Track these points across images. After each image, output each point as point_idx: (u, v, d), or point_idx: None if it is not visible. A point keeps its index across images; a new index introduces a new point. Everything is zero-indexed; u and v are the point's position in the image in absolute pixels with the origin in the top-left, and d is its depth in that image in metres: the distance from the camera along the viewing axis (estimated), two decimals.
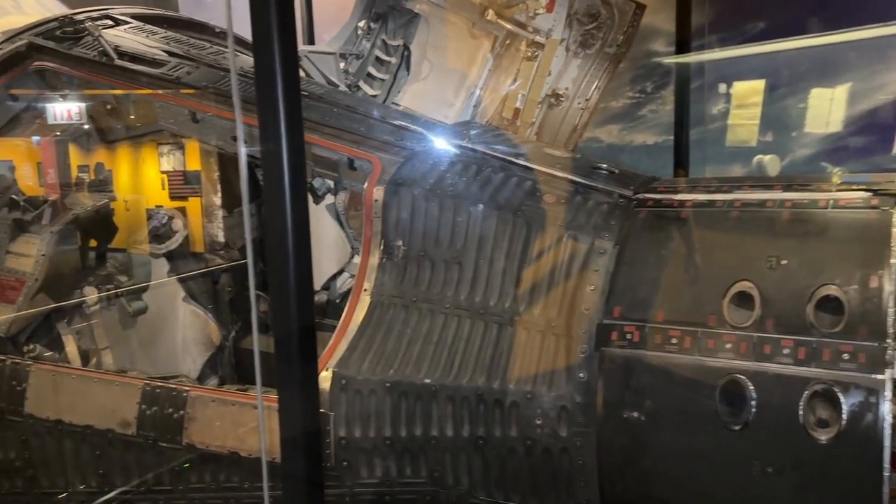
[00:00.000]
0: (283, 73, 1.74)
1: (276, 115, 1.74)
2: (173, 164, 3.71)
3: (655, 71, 7.38)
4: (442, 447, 2.63)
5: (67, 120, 3.67)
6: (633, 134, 7.62)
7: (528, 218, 2.79)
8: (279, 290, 1.83)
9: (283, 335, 1.84)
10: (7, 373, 3.00)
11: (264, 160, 1.76)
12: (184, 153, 3.74)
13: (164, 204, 3.69)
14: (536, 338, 2.63)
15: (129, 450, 2.88)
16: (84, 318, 3.54)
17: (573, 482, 2.54)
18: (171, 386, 2.85)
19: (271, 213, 1.79)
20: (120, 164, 3.71)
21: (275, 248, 1.81)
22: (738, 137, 6.84)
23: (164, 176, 3.73)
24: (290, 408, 1.88)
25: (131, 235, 3.71)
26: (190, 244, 3.79)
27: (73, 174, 3.64)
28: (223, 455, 2.79)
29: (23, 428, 2.97)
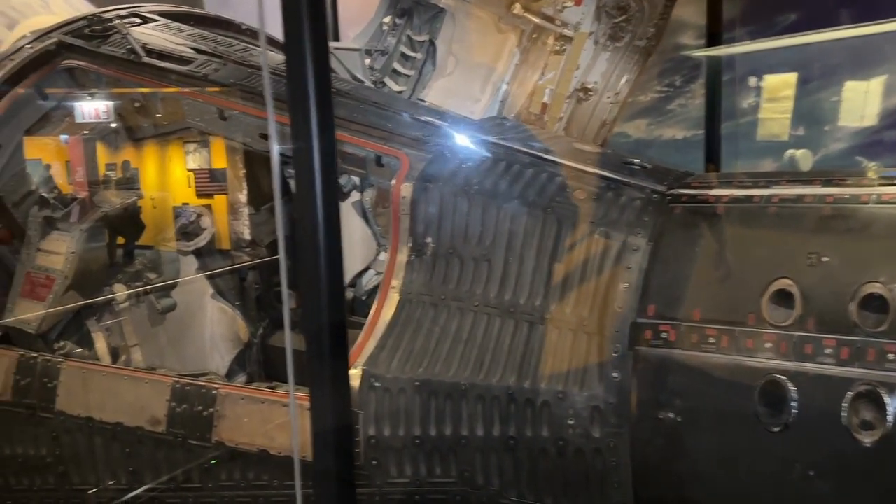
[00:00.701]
0: (314, 70, 1.71)
1: (307, 112, 1.72)
2: (199, 162, 3.71)
3: (684, 64, 7.27)
4: (472, 447, 2.60)
5: (95, 118, 3.69)
6: (661, 129, 7.52)
7: (559, 214, 2.75)
8: (310, 287, 1.81)
9: (314, 333, 1.82)
10: (39, 370, 3.01)
11: (296, 157, 1.74)
12: (210, 151, 3.74)
13: (190, 201, 3.70)
14: (568, 337, 2.58)
15: (159, 447, 2.88)
16: (113, 315, 3.56)
17: (606, 483, 2.49)
18: (201, 383, 2.85)
19: (302, 210, 1.76)
20: (147, 162, 3.72)
21: (306, 245, 1.79)
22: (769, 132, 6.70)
23: (190, 174, 3.73)
24: (321, 406, 1.86)
25: (158, 233, 3.72)
26: (216, 241, 3.79)
27: (100, 172, 3.66)
28: (252, 453, 2.78)
29: (54, 424, 2.98)
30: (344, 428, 1.88)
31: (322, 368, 1.83)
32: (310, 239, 1.77)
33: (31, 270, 3.36)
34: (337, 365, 1.85)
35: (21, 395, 3.02)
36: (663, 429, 2.39)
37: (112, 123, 3.78)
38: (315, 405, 1.86)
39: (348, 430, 1.88)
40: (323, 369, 1.83)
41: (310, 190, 1.74)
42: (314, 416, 1.86)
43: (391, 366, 2.70)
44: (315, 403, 1.86)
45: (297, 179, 1.78)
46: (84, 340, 3.46)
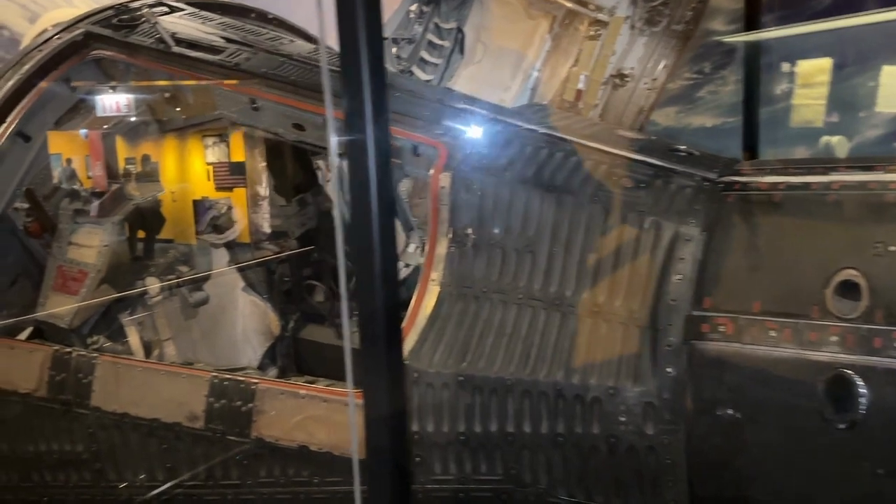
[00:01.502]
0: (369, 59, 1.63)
1: (361, 102, 1.64)
2: (218, 156, 3.65)
3: (714, 50, 7.11)
4: (519, 444, 2.52)
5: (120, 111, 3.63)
6: (690, 116, 7.37)
7: (605, 203, 2.65)
8: (365, 282, 1.73)
9: (369, 328, 1.74)
10: (73, 365, 2.97)
11: (350, 148, 1.66)
12: (229, 144, 3.68)
13: (209, 195, 3.64)
14: (618, 330, 2.49)
15: (197, 444, 2.83)
16: (146, 309, 3.51)
17: (660, 482, 2.41)
18: (239, 378, 2.79)
19: (357, 202, 1.69)
20: (166, 155, 3.66)
21: (360, 240, 1.71)
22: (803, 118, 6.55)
23: (209, 167, 3.67)
24: (376, 401, 1.78)
25: (178, 227, 3.65)
26: (239, 235, 3.74)
27: (120, 166, 3.60)
28: (292, 449, 2.72)
29: (89, 420, 2.94)
30: (400, 423, 1.81)
31: (377, 362, 1.76)
32: (365, 233, 1.70)
33: (63, 264, 3.32)
34: (392, 360, 1.77)
35: (56, 391, 2.98)
36: (721, 426, 2.29)
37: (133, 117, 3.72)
38: (370, 401, 1.79)
39: (403, 426, 1.81)
40: (378, 363, 1.76)
41: (365, 182, 1.67)
42: (368, 412, 1.79)
43: (433, 360, 2.63)
44: (370, 399, 1.79)
45: (351, 170, 1.71)
46: (116, 335, 3.42)
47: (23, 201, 3.46)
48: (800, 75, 6.64)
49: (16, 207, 3.52)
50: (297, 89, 3.25)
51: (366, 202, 1.69)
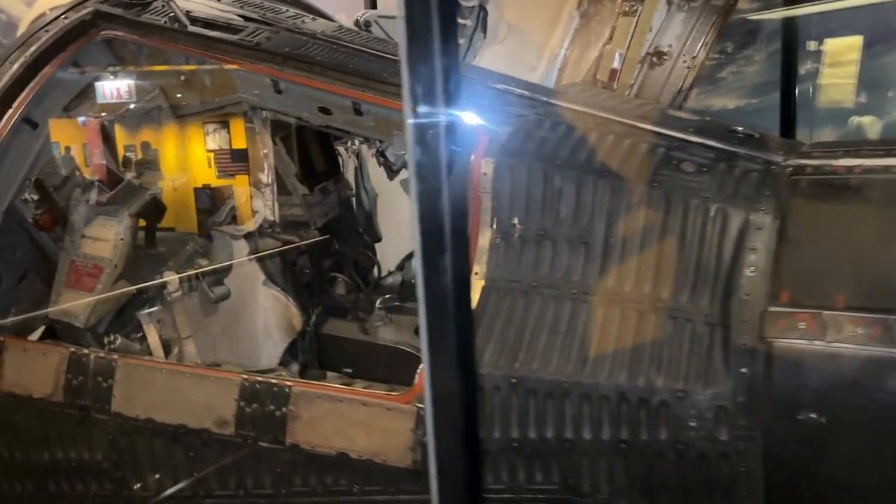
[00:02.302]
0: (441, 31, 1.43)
1: (432, 80, 1.43)
2: (219, 143, 3.45)
3: (737, 30, 6.88)
4: (577, 451, 2.34)
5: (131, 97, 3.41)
6: (711, 98, 7.14)
7: (666, 189, 2.46)
8: (434, 280, 1.53)
9: (438, 327, 1.55)
10: (92, 368, 2.78)
11: (417, 130, 1.46)
12: (230, 131, 3.47)
13: (210, 182, 3.43)
14: (686, 328, 2.30)
15: (227, 451, 2.64)
16: (165, 305, 3.31)
17: (733, 491, 2.23)
18: (273, 381, 2.60)
19: (426, 190, 1.49)
20: (166, 143, 3.45)
21: (430, 232, 1.51)
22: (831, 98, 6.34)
23: (210, 154, 3.46)
24: (449, 409, 1.59)
25: (179, 216, 3.44)
26: (238, 223, 3.52)
27: (119, 154, 3.39)
28: (330, 456, 2.54)
29: (110, 427, 2.75)
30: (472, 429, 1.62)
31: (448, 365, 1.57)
32: (435, 225, 1.50)
33: (77, 259, 3.12)
34: (465, 363, 1.58)
35: (73, 396, 2.78)
36: (803, 431, 2.11)
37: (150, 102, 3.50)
38: (439, 404, 1.59)
39: (475, 432, 1.62)
40: (448, 367, 1.57)
41: (436, 171, 1.46)
42: (438, 416, 1.60)
43: (483, 361, 2.44)
44: (439, 402, 1.59)
45: (416, 157, 1.50)
46: (134, 333, 3.22)
47: (32, 192, 3.25)
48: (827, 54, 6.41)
49: (24, 199, 3.31)
50: (323, 70, 3.04)
51: (437, 194, 1.49)
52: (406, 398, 2.50)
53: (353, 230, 4.41)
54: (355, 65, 3.00)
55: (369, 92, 2.96)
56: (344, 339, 4.15)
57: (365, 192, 4.52)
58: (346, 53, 3.08)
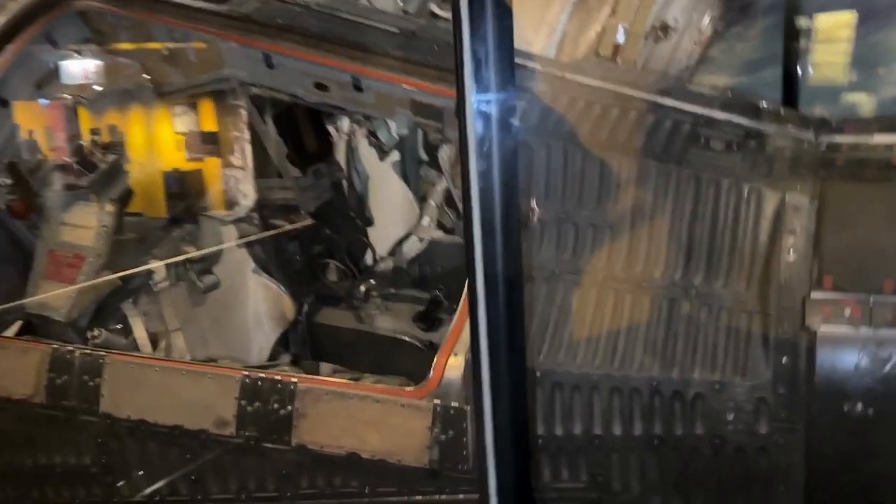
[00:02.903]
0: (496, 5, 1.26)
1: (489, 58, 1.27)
2: (188, 125, 3.24)
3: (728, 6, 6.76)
4: (607, 447, 2.21)
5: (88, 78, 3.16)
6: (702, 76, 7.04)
7: (695, 169, 2.31)
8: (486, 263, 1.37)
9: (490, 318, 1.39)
10: (77, 366, 2.57)
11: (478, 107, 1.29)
12: (198, 114, 3.26)
13: (179, 166, 3.22)
14: (722, 316, 2.17)
15: (227, 453, 2.46)
16: (151, 297, 3.10)
17: (772, 487, 2.11)
18: (276, 377, 2.42)
19: (486, 171, 1.32)
20: (133, 126, 3.22)
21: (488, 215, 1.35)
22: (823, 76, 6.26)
23: (179, 137, 3.24)
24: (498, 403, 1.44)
25: (148, 199, 3.21)
26: (212, 207, 3.32)
27: (85, 137, 3.15)
28: (339, 457, 2.37)
29: (98, 429, 2.55)
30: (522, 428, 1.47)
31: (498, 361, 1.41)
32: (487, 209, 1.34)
33: (56, 248, 2.90)
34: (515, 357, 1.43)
35: (58, 396, 2.58)
36: (848, 423, 2.00)
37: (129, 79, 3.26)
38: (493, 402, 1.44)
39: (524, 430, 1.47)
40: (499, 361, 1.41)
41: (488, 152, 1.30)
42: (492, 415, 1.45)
43: None
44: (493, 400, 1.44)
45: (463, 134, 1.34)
46: (119, 327, 3.02)
47: (4, 176, 3.01)
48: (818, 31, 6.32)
49: None
50: (319, 43, 2.83)
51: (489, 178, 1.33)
52: (421, 393, 2.34)
53: (344, 214, 4.22)
54: (355, 37, 2.80)
55: (370, 66, 2.76)
56: (338, 328, 3.97)
57: (356, 174, 4.33)
58: (344, 25, 2.88)
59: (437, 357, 2.35)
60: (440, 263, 4.70)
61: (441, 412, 2.29)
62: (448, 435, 2.29)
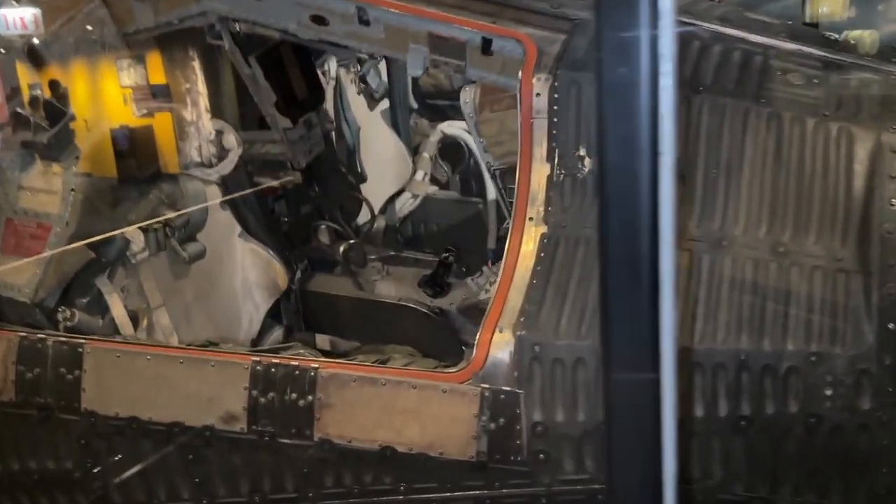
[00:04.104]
0: None
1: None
2: (135, 79, 2.82)
3: None
4: (686, 432, 1.92)
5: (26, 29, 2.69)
6: None
7: (775, 107, 2.00)
8: (622, 235, 1.05)
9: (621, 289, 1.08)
10: (51, 356, 2.18)
11: (614, 43, 0.95)
12: (146, 66, 2.84)
13: (128, 122, 2.80)
14: (815, 277, 1.88)
15: (237, 451, 2.12)
16: (129, 270, 2.70)
17: (871, 468, 1.87)
18: (294, 362, 2.07)
19: (615, 125, 0.98)
20: (76, 80, 2.78)
21: (622, 163, 1.01)
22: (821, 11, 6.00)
23: (126, 91, 2.82)
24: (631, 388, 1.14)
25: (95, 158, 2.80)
26: (163, 166, 2.91)
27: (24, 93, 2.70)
28: (370, 451, 2.05)
29: (80, 429, 2.18)
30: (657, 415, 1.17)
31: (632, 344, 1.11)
32: (628, 169, 1.00)
33: (15, 217, 2.47)
34: (653, 339, 1.11)
35: (29, 393, 2.19)
36: None
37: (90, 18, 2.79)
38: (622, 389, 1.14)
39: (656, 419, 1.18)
40: (640, 337, 1.11)
41: (633, 98, 0.97)
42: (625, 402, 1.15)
43: (560, 328, 1.98)
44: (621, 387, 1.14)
45: (615, 72, 1.00)
46: (94, 306, 2.62)
47: None
48: None
49: None
50: None
51: (633, 125, 1.00)
52: (464, 376, 2.02)
53: (334, 170, 3.83)
54: None
55: None
56: (335, 296, 3.62)
57: (346, 124, 3.93)
58: None
59: (480, 334, 2.03)
60: (435, 222, 4.37)
61: (490, 398, 1.98)
62: (498, 423, 1.98)
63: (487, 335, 2.03)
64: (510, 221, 3.15)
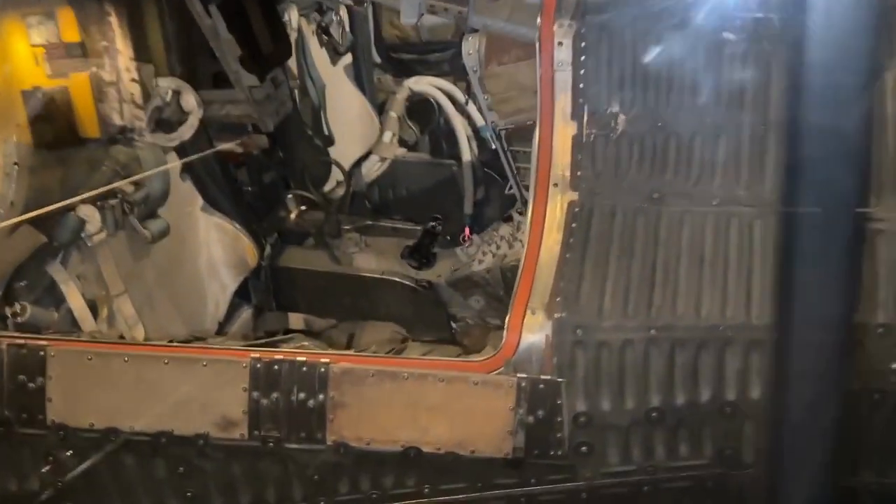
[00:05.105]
0: None
1: None
2: (46, 37, 2.46)
3: None
4: (740, 415, 1.77)
5: None
6: None
7: None
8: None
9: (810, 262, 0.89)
10: (7, 362, 1.84)
11: None
12: (57, 23, 2.48)
13: (40, 83, 2.44)
14: (879, 240, 1.73)
15: (236, 460, 1.86)
16: (85, 254, 2.35)
17: None
18: (301, 358, 1.80)
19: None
20: None
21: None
22: None
23: (37, 50, 2.45)
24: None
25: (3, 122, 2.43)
26: (80, 129, 2.55)
27: None
28: (392, 453, 1.82)
29: (48, 444, 1.86)
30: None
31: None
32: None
33: None
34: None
35: None
36: None
37: None
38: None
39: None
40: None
41: None
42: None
43: (603, 308, 1.78)
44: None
45: None
46: (46, 297, 2.27)
47: None
48: None
49: None
50: None
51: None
52: (495, 363, 1.81)
53: (300, 132, 3.49)
54: None
55: None
56: (309, 271, 3.33)
57: (311, 81, 3.58)
58: None
59: (510, 317, 1.81)
60: (405, 186, 4.09)
61: (527, 389, 1.77)
62: (537, 416, 1.78)
63: (518, 318, 1.81)
64: (513, 187, 2.95)
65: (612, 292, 1.79)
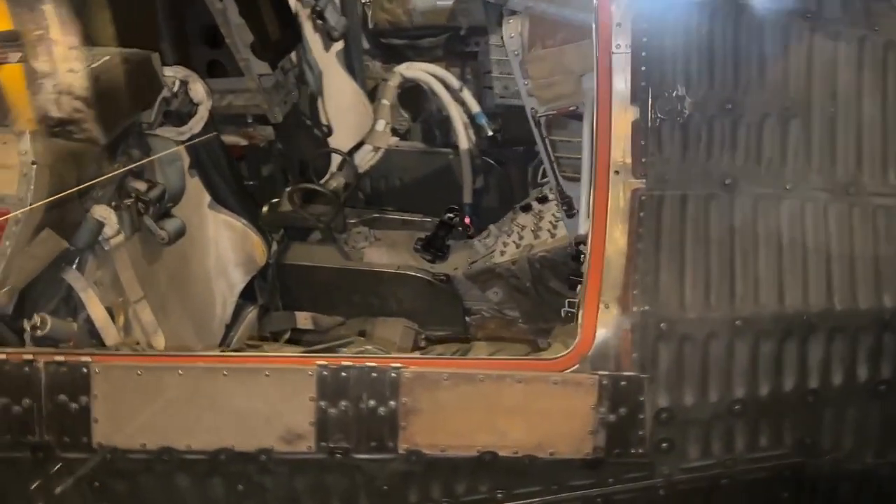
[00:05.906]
0: None
1: None
2: None
3: None
4: (822, 403, 1.74)
5: None
6: None
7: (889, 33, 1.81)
8: None
9: None
10: (46, 381, 1.67)
11: None
12: None
13: None
14: None
15: (300, 474, 1.74)
16: (101, 260, 2.18)
17: None
18: (370, 363, 1.69)
19: None
20: None
21: None
22: None
23: None
24: None
25: None
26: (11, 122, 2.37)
27: None
28: (466, 459, 1.74)
29: (93, 468, 1.71)
30: None
31: None
32: None
33: None
34: None
35: (20, 431, 1.68)
36: None
37: None
38: None
39: None
40: None
41: None
42: None
43: (685, 300, 1.72)
44: None
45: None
46: (62, 307, 2.09)
47: None
48: None
49: None
50: None
51: None
52: (571, 361, 1.73)
53: (299, 122, 3.34)
54: None
55: None
56: (318, 268, 3.18)
57: (309, 67, 3.42)
58: None
59: (583, 312, 1.74)
60: (398, 176, 3.97)
61: (609, 386, 1.70)
62: (619, 414, 1.72)
63: (592, 312, 1.74)
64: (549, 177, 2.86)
65: (692, 283, 1.74)
